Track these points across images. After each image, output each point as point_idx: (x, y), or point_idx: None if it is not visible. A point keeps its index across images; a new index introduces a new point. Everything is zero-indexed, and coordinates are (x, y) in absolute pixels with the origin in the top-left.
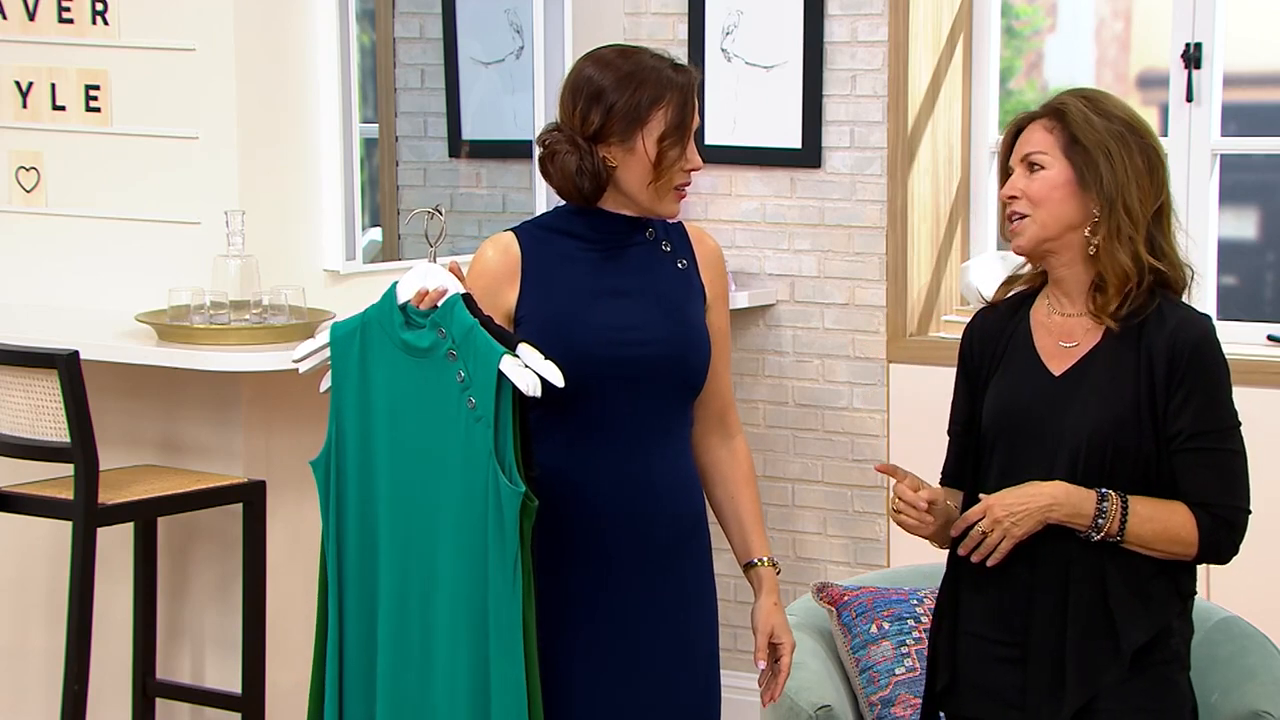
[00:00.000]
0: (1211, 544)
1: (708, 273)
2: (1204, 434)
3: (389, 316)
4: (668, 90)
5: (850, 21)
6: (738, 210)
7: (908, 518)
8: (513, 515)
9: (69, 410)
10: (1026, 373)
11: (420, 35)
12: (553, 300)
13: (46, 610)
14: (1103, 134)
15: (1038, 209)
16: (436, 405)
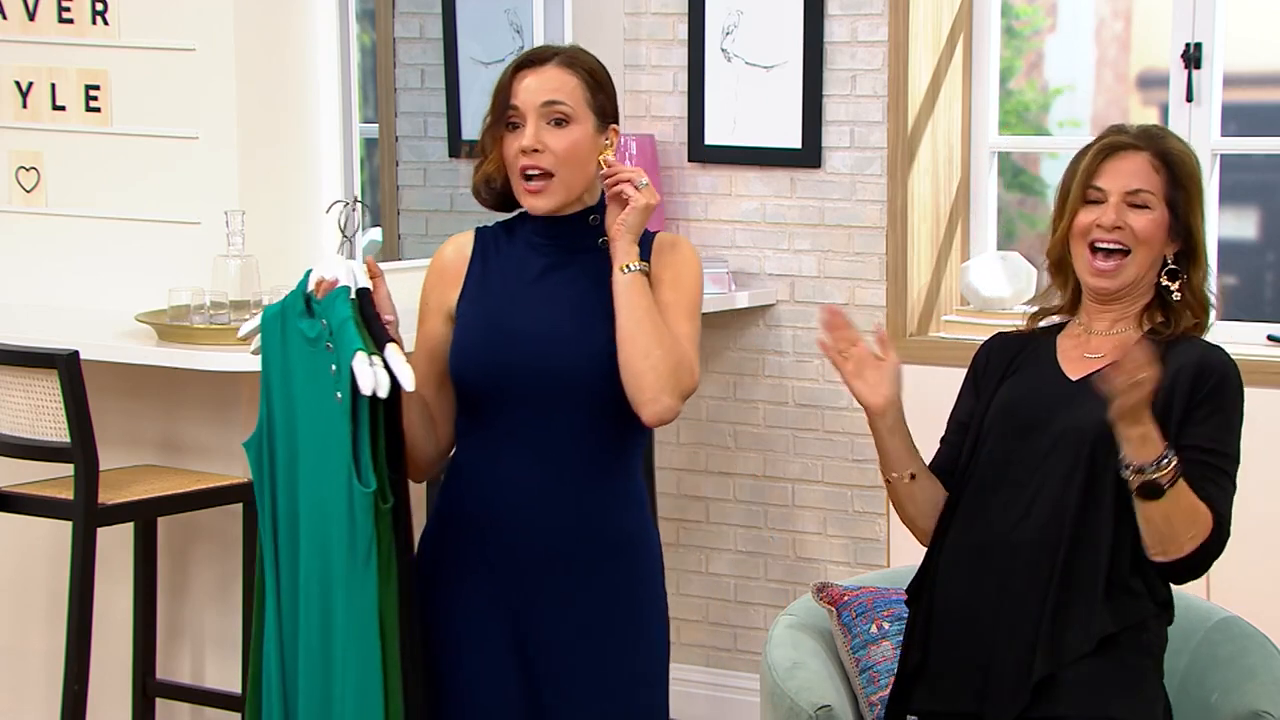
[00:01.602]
0: (1212, 544)
1: (656, 263)
2: (1215, 453)
3: (294, 303)
4: (498, 84)
5: (850, 21)
6: (738, 210)
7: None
8: (363, 515)
9: (69, 410)
10: (1041, 376)
11: (420, 35)
12: (483, 304)
13: (46, 610)
14: (1198, 186)
15: (1140, 248)
16: (318, 396)
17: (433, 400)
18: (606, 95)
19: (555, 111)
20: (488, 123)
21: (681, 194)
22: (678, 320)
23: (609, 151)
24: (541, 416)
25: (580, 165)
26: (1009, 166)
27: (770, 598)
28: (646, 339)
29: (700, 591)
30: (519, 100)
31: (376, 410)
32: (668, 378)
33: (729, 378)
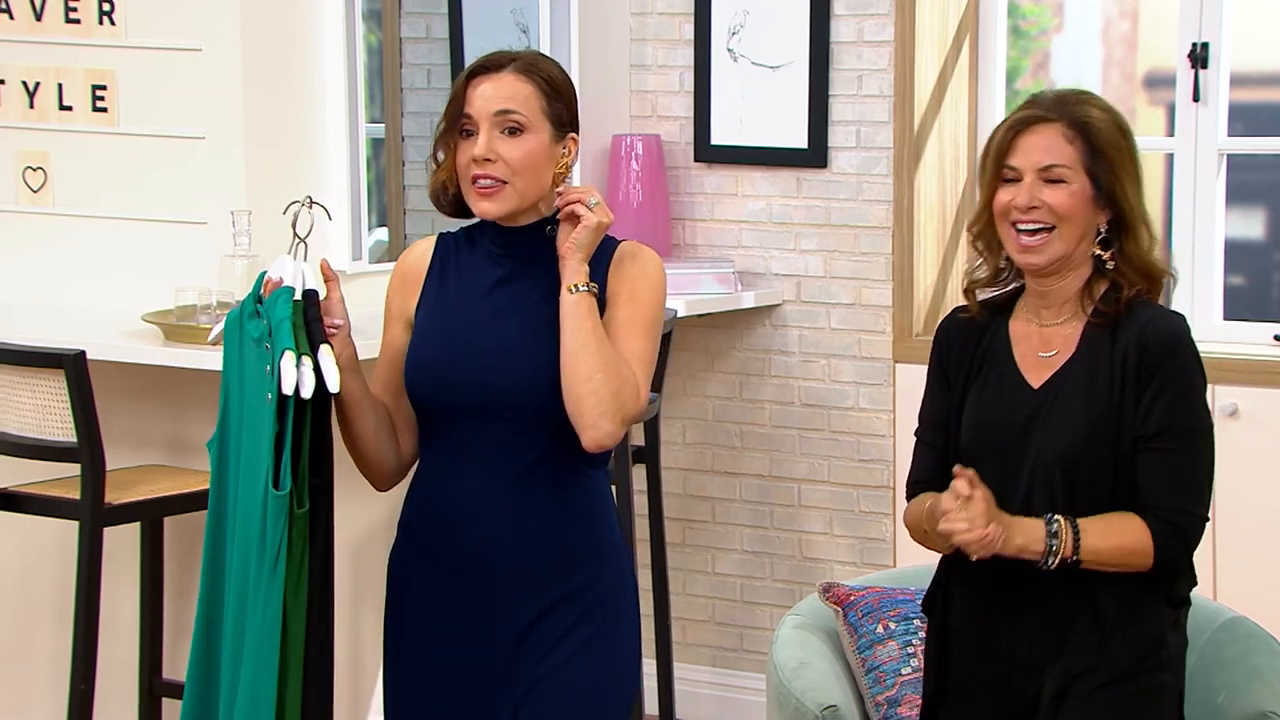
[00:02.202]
0: (1167, 552)
1: (614, 276)
2: (1168, 433)
3: (247, 304)
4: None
5: (856, 21)
6: (744, 210)
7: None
8: (274, 518)
9: (76, 410)
10: (1006, 386)
11: (427, 35)
12: (437, 314)
13: (53, 610)
14: (1121, 150)
15: (1063, 224)
16: (257, 396)
17: (394, 408)
18: (565, 103)
19: (509, 120)
20: (441, 129)
21: (688, 194)
22: (630, 338)
23: (565, 163)
24: (490, 431)
25: (535, 175)
26: None
27: (776, 598)
28: (589, 361)
29: (706, 591)
30: (472, 108)
31: (303, 413)
32: (609, 402)
33: (735, 378)
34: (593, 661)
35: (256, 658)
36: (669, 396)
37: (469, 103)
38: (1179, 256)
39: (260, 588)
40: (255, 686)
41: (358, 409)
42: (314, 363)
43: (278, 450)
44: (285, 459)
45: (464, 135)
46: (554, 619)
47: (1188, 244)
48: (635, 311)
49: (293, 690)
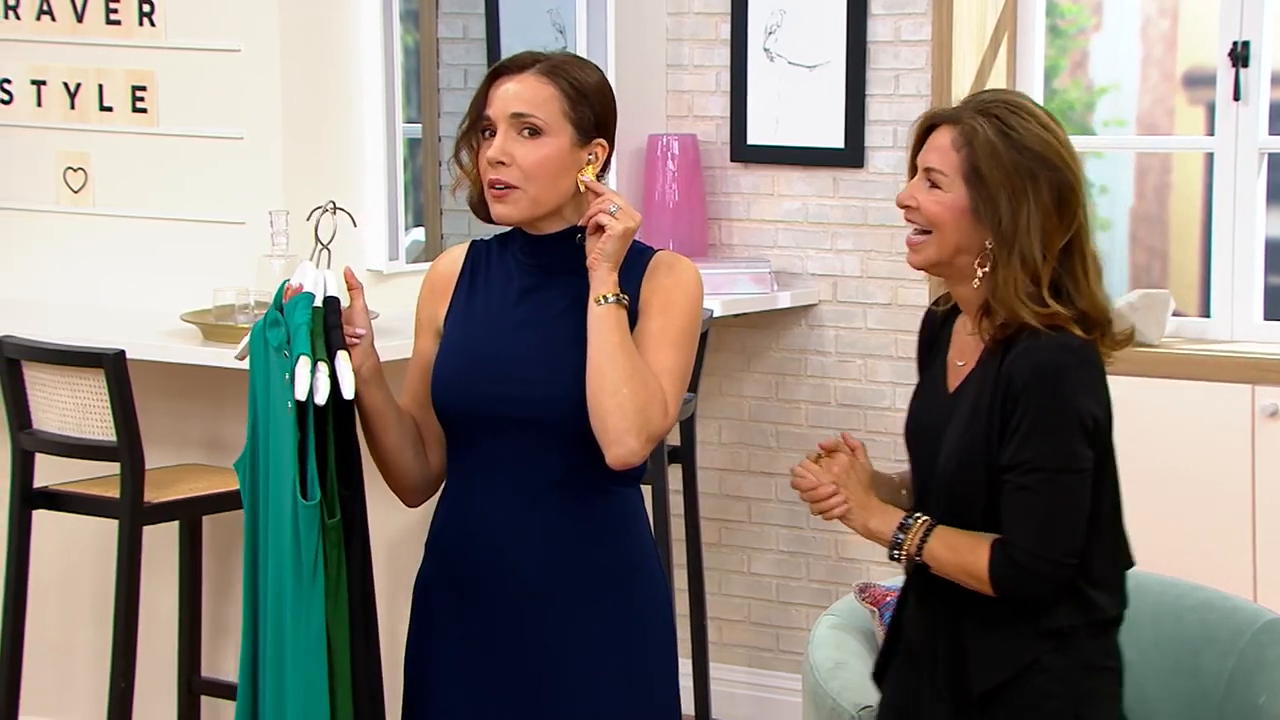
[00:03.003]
0: (1000, 581)
1: (648, 286)
2: (1019, 469)
3: (270, 313)
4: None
5: (894, 21)
6: (780, 210)
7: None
8: (307, 529)
9: (115, 409)
10: (932, 386)
11: (464, 35)
12: (464, 323)
13: (93, 608)
14: (1009, 171)
15: (936, 230)
16: (279, 405)
17: (423, 421)
18: (592, 108)
19: (525, 123)
20: (463, 128)
21: (724, 194)
22: (660, 351)
23: (590, 169)
24: (516, 445)
25: (550, 180)
26: None
27: (812, 598)
28: (616, 375)
29: (742, 592)
30: (492, 109)
31: (325, 421)
32: (634, 418)
33: (771, 378)
34: (626, 690)
35: (305, 673)
36: (705, 396)
37: (489, 103)
38: (1218, 256)
39: (300, 602)
40: (307, 704)
41: (381, 421)
42: (330, 368)
43: (302, 459)
44: (311, 468)
45: (485, 136)
46: (585, 642)
47: (1227, 244)
48: (668, 323)
49: (343, 705)
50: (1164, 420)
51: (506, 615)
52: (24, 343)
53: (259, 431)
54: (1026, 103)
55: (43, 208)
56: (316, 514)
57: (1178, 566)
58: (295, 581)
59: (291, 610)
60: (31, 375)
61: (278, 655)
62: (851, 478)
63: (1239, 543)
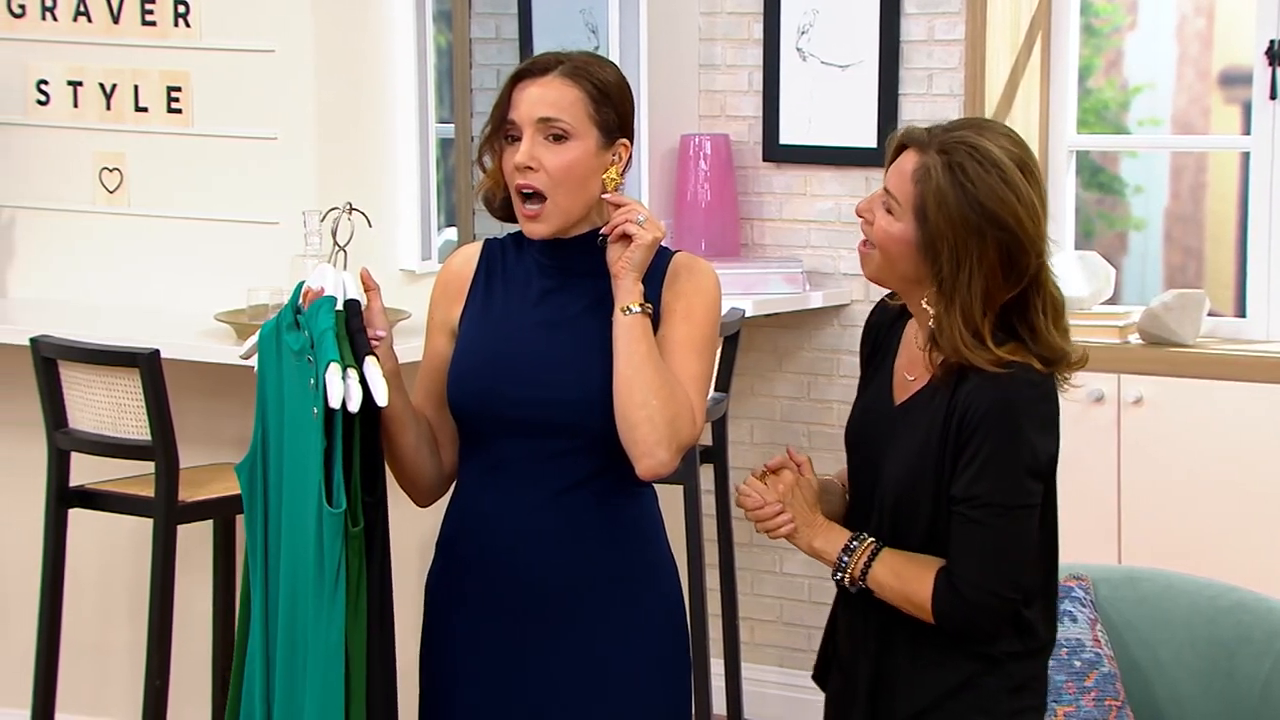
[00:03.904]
0: (943, 613)
1: (669, 291)
2: (969, 502)
3: (285, 316)
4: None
5: (927, 20)
6: (812, 210)
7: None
8: (331, 538)
9: (150, 408)
10: (879, 395)
11: (496, 35)
12: (481, 324)
13: (129, 606)
14: (955, 224)
15: (882, 253)
16: (301, 412)
17: (435, 421)
18: (615, 109)
19: (553, 127)
20: (485, 134)
21: (756, 194)
22: (686, 358)
23: (615, 170)
24: (533, 446)
25: (578, 185)
26: (1087, 165)
27: None
28: (644, 387)
29: (774, 592)
30: (517, 113)
31: (352, 428)
32: (664, 429)
33: (803, 378)
34: (638, 691)
35: (322, 682)
36: (737, 396)
37: (514, 107)
38: (1254, 256)
39: (321, 611)
40: (323, 712)
41: (399, 422)
42: (360, 375)
43: (328, 467)
44: (337, 475)
45: (509, 140)
46: (599, 645)
47: (1263, 243)
48: (690, 331)
49: (356, 713)
50: (1198, 421)
51: (518, 615)
52: (60, 342)
53: (269, 436)
54: (993, 147)
55: (78, 208)
56: (342, 522)
57: (1211, 567)
58: (316, 590)
59: (311, 619)
60: (67, 375)
61: (289, 662)
62: (797, 496)
63: (1273, 543)
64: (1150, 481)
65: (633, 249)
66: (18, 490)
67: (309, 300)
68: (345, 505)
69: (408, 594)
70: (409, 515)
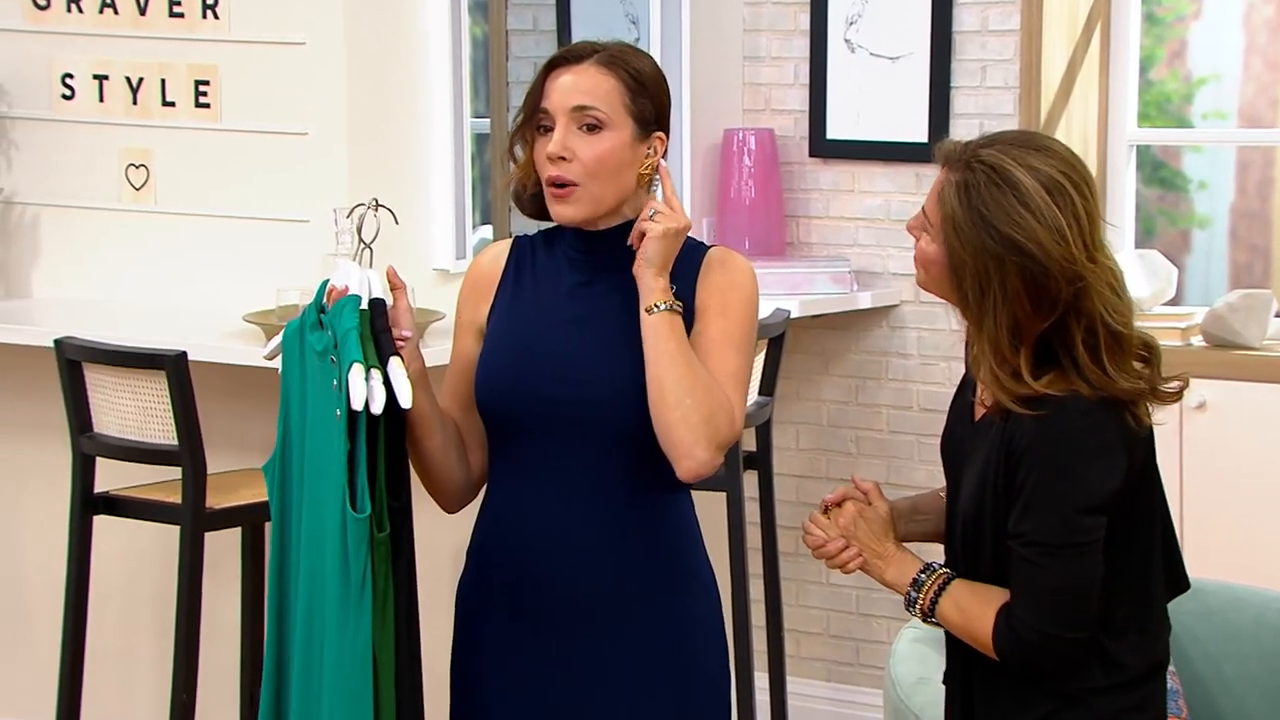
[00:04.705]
0: (1005, 653)
1: (703, 287)
2: (1020, 539)
3: (309, 315)
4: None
5: (981, 10)
6: (861, 207)
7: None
8: (356, 543)
9: (177, 412)
10: (962, 410)
11: (534, 27)
12: (511, 323)
13: (155, 616)
14: (974, 250)
15: (923, 270)
16: (324, 413)
17: (463, 424)
18: (651, 99)
19: (587, 116)
20: (518, 122)
21: (802, 190)
22: (723, 355)
23: (651, 162)
24: (566, 449)
25: (612, 176)
26: (1149, 161)
27: (894, 610)
28: (677, 387)
29: (821, 603)
30: (549, 102)
31: (376, 430)
32: (701, 428)
33: (851, 381)
34: (675, 701)
35: (349, 694)
36: (782, 400)
37: (546, 95)
38: None
39: (346, 619)
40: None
41: (426, 425)
42: (384, 376)
43: (351, 470)
44: (361, 479)
45: (541, 130)
46: (633, 651)
47: None
48: (727, 326)
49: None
50: (1264, 427)
51: (552, 623)
52: (84, 344)
53: (292, 438)
54: (1015, 166)
55: (104, 205)
56: (367, 527)
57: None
58: (341, 597)
59: (335, 628)
60: (92, 377)
61: (307, 672)
62: (861, 527)
63: None
64: (1214, 490)
65: (646, 242)
66: (41, 496)
67: (333, 299)
68: (370, 510)
69: (440, 603)
70: (440, 522)
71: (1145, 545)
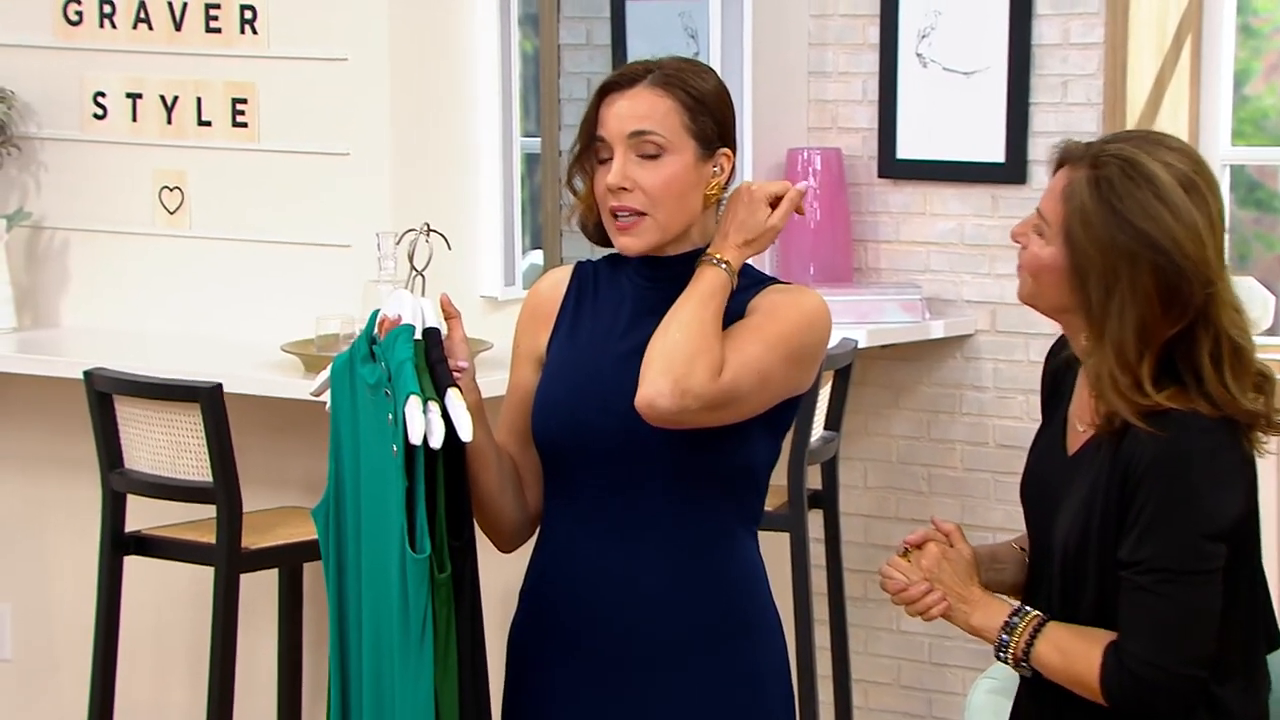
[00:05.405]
0: (1115, 693)
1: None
2: (1138, 566)
3: (360, 347)
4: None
5: (1062, 21)
6: (933, 231)
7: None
8: (416, 585)
9: (211, 447)
10: (1051, 445)
11: (587, 41)
12: (569, 351)
13: (188, 662)
14: (1104, 247)
15: (1034, 280)
16: (379, 450)
17: (520, 459)
18: (713, 116)
19: (646, 143)
20: (575, 154)
21: (870, 213)
22: (744, 340)
23: (719, 182)
24: (625, 486)
25: (678, 202)
26: (1244, 181)
27: (969, 659)
28: (678, 319)
29: (891, 651)
30: (606, 129)
31: (435, 466)
32: (680, 365)
33: (922, 415)
34: None
35: None
36: (849, 436)
37: (602, 123)
38: None
39: (408, 665)
40: None
41: (482, 460)
42: (442, 409)
43: (410, 508)
44: (420, 518)
45: (600, 160)
46: (695, 703)
47: None
48: (765, 322)
49: None
50: None
51: (610, 669)
52: (115, 375)
53: (345, 477)
54: (1151, 162)
55: (136, 230)
56: (427, 568)
57: None
58: (402, 642)
59: (399, 675)
60: (123, 411)
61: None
62: (945, 570)
63: None
64: None
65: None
66: (69, 535)
67: (385, 329)
68: (430, 550)
69: (491, 646)
70: (491, 562)
71: (1250, 585)
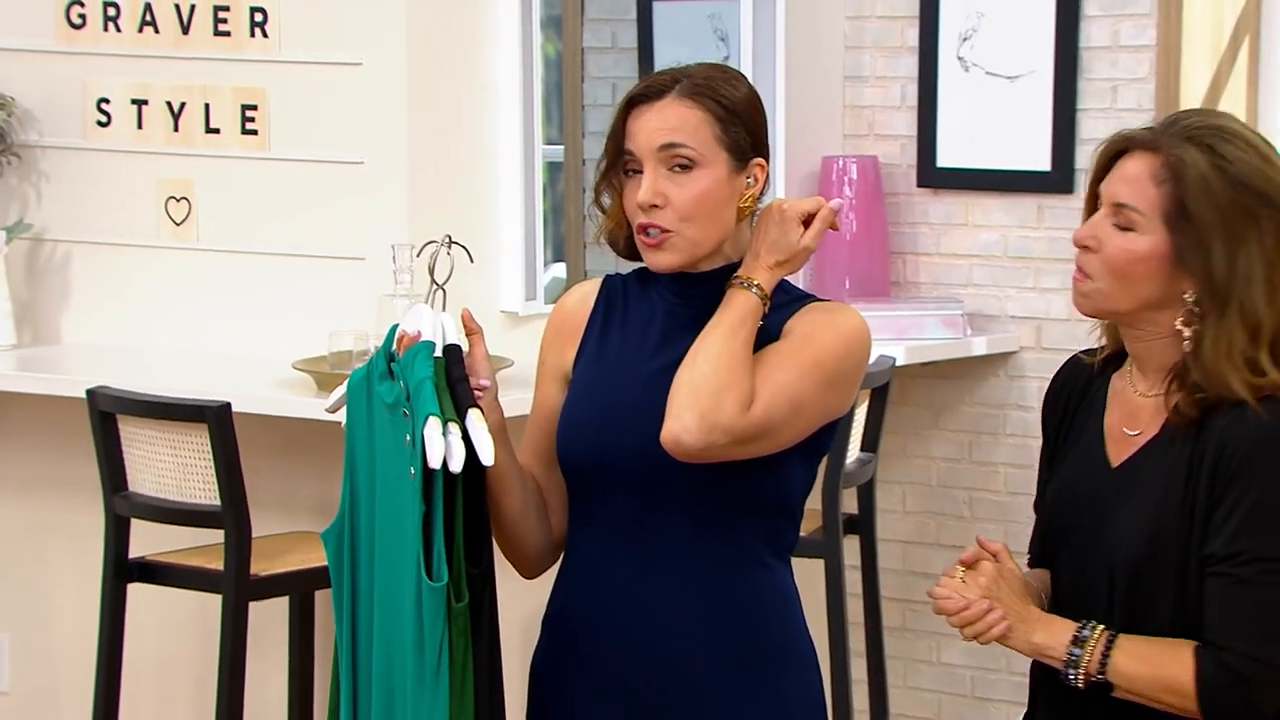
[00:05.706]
0: (1213, 695)
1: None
2: (1238, 558)
3: (377, 364)
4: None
5: (1112, 23)
6: (975, 243)
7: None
8: (432, 615)
9: (219, 469)
10: (1088, 459)
11: (612, 45)
12: (595, 369)
13: (194, 693)
14: (1226, 210)
15: (1109, 278)
16: (396, 472)
17: (545, 481)
18: (745, 126)
19: (676, 156)
20: (602, 170)
21: (910, 224)
22: (776, 367)
23: (753, 193)
24: (652, 509)
25: (711, 217)
26: None
27: (1013, 693)
28: (704, 350)
29: (931, 685)
30: (634, 143)
31: (455, 490)
32: (706, 399)
33: (964, 436)
34: None
35: None
36: (886, 457)
37: (630, 136)
38: None
39: (422, 699)
40: None
41: (504, 483)
42: (462, 430)
43: (427, 534)
44: (438, 544)
45: (629, 174)
46: None
47: None
48: (800, 346)
49: None
50: None
51: (637, 699)
52: (119, 394)
53: (360, 499)
54: (1238, 127)
55: (141, 242)
56: (444, 597)
57: None
58: (417, 675)
59: (412, 709)
60: (127, 431)
61: None
62: (1003, 588)
63: None
64: None
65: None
66: (71, 561)
67: (404, 346)
68: (447, 578)
69: (511, 675)
70: (513, 589)
71: None
